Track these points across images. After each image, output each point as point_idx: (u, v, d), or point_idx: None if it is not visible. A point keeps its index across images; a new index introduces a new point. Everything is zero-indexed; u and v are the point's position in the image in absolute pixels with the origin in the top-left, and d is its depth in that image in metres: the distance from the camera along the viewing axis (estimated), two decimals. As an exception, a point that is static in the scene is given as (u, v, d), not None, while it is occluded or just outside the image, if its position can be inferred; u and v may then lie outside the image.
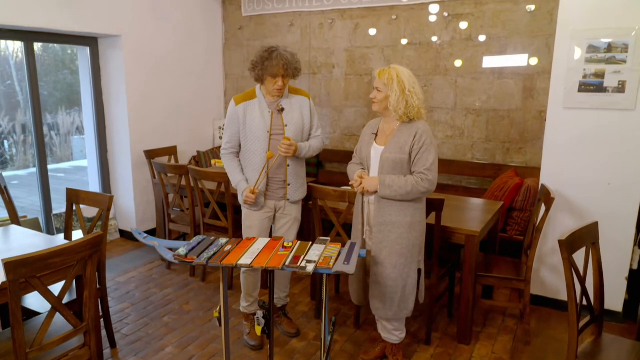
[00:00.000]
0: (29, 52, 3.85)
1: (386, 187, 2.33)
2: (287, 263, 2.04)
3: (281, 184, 2.72)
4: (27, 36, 3.79)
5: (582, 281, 2.04)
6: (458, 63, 4.15)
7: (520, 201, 3.52)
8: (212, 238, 2.35)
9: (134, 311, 3.22)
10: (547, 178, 3.18)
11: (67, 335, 1.95)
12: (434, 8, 4.16)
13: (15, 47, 8.14)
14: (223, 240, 2.32)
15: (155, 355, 2.72)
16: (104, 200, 2.61)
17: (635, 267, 3.10)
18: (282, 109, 2.67)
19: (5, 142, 9.24)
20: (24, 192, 7.33)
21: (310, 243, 2.26)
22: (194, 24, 4.99)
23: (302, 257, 2.10)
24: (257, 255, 2.13)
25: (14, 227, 2.77)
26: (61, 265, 1.82)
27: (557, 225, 3.20)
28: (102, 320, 2.71)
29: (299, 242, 2.28)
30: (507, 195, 3.53)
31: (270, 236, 2.99)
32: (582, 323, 2.07)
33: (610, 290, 3.02)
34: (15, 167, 9.02)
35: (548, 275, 3.29)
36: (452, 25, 4.14)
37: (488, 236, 3.27)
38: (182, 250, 2.18)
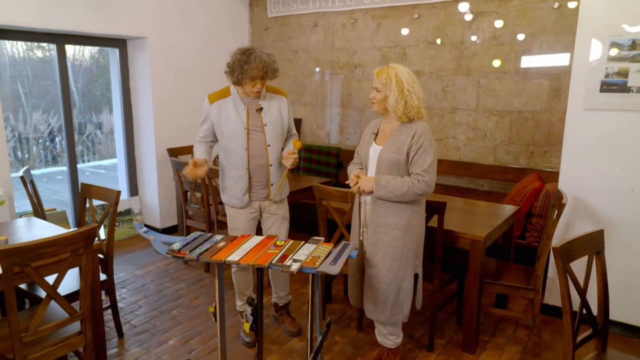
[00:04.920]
0: (61, 54, 4.06)
1: (381, 187, 2.28)
2: (274, 261, 2.05)
3: (264, 185, 2.72)
4: (59, 39, 3.99)
5: (583, 293, 1.92)
6: (481, 63, 4.02)
7: (539, 206, 3.35)
8: (209, 234, 2.39)
9: (146, 303, 3.32)
10: (566, 183, 3.02)
11: (62, 322, 2.04)
12: (457, 6, 4.05)
13: (73, 50, 8.60)
14: (218, 237, 2.36)
15: (158, 347, 2.79)
16: (112, 195, 2.72)
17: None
18: (261, 109, 2.66)
19: (57, 138, 9.82)
20: (67, 186, 7.71)
21: (302, 242, 2.26)
22: (220, 25, 5.10)
23: (290, 255, 2.10)
24: (247, 253, 2.15)
25: (33, 219, 2.93)
26: (53, 255, 1.91)
27: (577, 232, 3.01)
28: (110, 310, 2.83)
29: (291, 241, 2.28)
30: (525, 200, 3.38)
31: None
32: (583, 336, 1.95)
33: (635, 302, 2.84)
34: (62, 163, 9.56)
35: (566, 285, 3.11)
36: (475, 23, 4.01)
37: (503, 242, 3.14)
38: (176, 246, 2.23)
